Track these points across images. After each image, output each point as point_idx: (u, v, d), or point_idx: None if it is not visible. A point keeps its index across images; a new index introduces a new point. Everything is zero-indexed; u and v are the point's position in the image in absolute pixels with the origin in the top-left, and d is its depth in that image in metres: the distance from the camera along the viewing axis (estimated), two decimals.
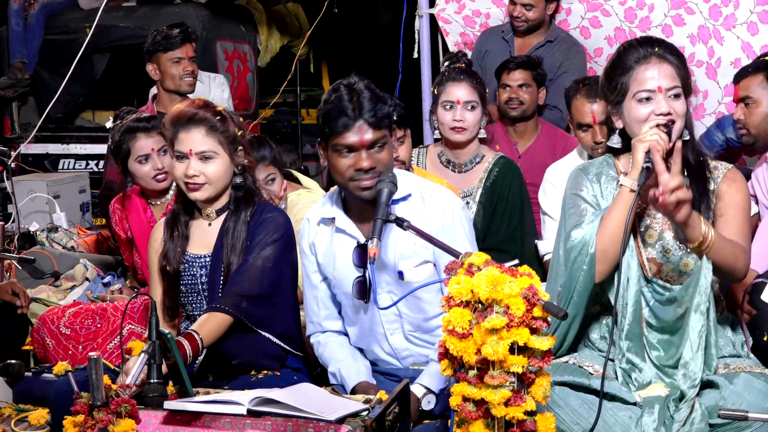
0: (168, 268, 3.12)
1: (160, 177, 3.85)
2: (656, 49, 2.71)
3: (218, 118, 3.07)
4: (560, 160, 4.15)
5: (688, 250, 2.70)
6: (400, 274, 2.92)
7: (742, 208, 2.76)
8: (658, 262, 2.76)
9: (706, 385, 2.60)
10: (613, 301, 2.68)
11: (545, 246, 3.90)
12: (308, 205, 3.87)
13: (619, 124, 2.79)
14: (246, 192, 3.12)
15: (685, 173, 2.72)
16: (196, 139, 3.04)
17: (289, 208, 3.89)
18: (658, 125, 2.63)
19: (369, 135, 2.80)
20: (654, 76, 2.68)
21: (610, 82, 2.76)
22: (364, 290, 2.86)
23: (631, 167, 2.70)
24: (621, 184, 2.69)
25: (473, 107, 3.77)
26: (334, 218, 2.98)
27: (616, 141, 2.82)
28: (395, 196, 2.86)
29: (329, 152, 2.86)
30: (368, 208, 2.86)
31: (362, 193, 2.83)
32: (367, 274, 2.83)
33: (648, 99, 2.68)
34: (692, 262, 2.72)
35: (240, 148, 3.11)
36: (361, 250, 2.81)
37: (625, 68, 2.72)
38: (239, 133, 3.11)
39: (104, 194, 4.77)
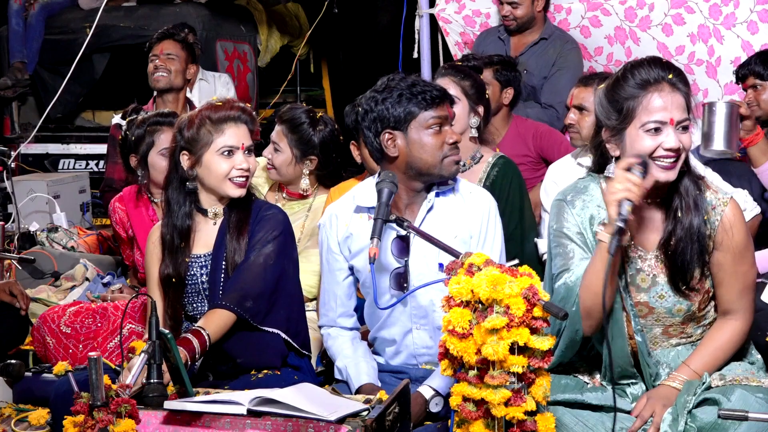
0: (174, 280, 3.09)
1: None
2: (669, 76, 2.48)
3: (250, 114, 3.11)
4: (560, 159, 4.18)
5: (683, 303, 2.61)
6: (441, 267, 2.91)
7: (745, 249, 2.60)
8: (650, 306, 2.62)
9: (704, 401, 2.54)
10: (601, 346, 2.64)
11: (545, 245, 3.90)
12: None
13: (615, 153, 2.56)
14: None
15: (681, 211, 2.56)
16: (244, 133, 3.05)
17: (315, 211, 3.87)
18: (630, 168, 2.43)
19: (452, 111, 2.96)
20: (667, 106, 2.46)
21: (614, 104, 2.53)
22: (403, 281, 2.89)
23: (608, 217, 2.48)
24: (598, 239, 2.47)
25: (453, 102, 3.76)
26: (373, 208, 2.95)
27: (611, 171, 2.57)
28: (441, 189, 2.96)
29: (414, 133, 2.90)
30: (411, 197, 2.94)
31: (454, 167, 2.92)
32: (406, 266, 2.89)
33: (657, 130, 2.47)
34: (685, 308, 2.62)
35: None
36: (402, 241, 2.84)
37: (632, 91, 2.50)
38: None
39: (104, 191, 4.80)
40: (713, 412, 2.44)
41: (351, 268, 3.09)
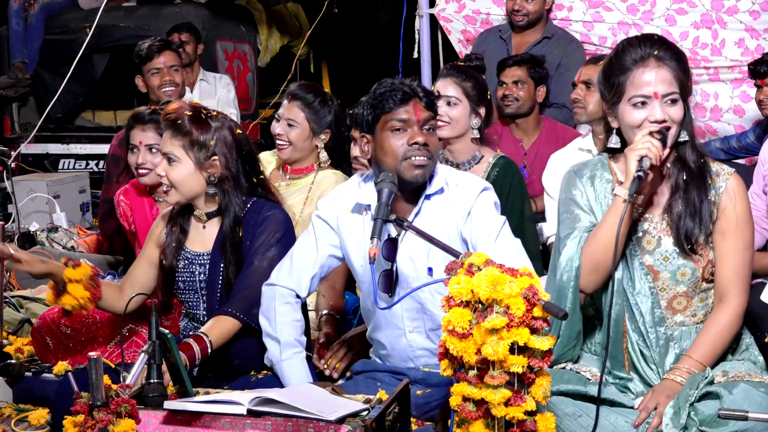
0: (164, 262, 3.12)
1: (141, 171, 3.89)
2: (656, 52, 2.61)
3: (185, 120, 3.00)
4: (563, 148, 4.20)
5: (685, 259, 2.67)
6: (430, 271, 2.91)
7: (746, 222, 2.69)
8: (655, 270, 2.70)
9: (706, 395, 2.57)
10: (604, 314, 2.68)
11: (549, 228, 3.93)
12: (333, 186, 3.80)
13: (614, 124, 2.72)
14: (227, 204, 3.04)
15: (684, 177, 2.67)
16: (164, 140, 3.05)
17: (318, 183, 3.93)
18: (651, 133, 2.58)
19: (423, 112, 2.88)
20: (651, 80, 2.60)
21: (608, 80, 2.69)
22: (390, 283, 2.87)
23: (625, 175, 2.62)
24: (615, 194, 2.62)
25: (454, 103, 3.75)
26: (370, 206, 2.93)
27: (615, 141, 2.72)
28: (429, 191, 2.93)
29: (379, 135, 2.88)
30: (403, 199, 2.89)
31: (416, 171, 2.85)
32: (394, 268, 2.86)
33: (643, 104, 2.61)
34: (689, 272, 2.68)
35: (214, 157, 3.01)
36: (391, 243, 2.83)
37: (623, 68, 2.64)
38: (212, 142, 3.00)
39: (105, 215, 4.74)
40: (715, 406, 2.48)
41: (340, 256, 3.04)
